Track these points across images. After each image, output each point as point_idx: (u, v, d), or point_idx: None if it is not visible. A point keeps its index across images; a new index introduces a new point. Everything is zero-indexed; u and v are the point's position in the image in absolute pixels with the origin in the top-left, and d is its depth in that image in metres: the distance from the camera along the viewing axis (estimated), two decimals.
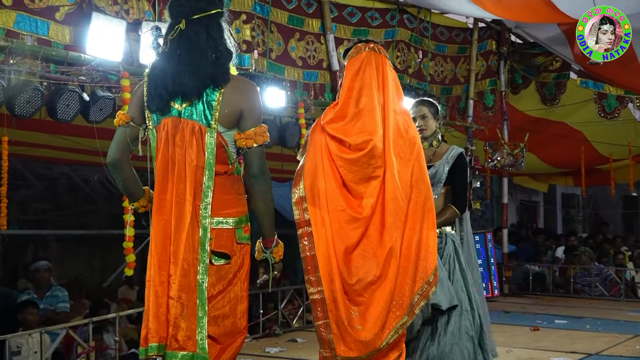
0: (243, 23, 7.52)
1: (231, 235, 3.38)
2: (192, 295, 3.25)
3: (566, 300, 10.73)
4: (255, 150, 3.37)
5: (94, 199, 12.00)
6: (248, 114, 3.37)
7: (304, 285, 3.93)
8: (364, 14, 8.96)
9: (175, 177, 3.31)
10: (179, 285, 3.24)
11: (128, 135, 3.47)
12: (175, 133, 3.33)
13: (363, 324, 3.77)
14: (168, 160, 3.34)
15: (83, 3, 5.99)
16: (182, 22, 3.34)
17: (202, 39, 3.33)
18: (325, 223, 3.82)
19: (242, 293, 3.43)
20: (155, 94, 3.36)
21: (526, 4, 8.33)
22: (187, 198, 3.27)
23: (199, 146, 3.30)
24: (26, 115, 5.61)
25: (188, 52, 3.33)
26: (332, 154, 3.86)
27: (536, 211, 18.59)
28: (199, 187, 3.29)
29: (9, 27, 5.56)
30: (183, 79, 3.30)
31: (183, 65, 3.32)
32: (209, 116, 3.31)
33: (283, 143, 7.57)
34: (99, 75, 5.94)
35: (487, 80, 11.29)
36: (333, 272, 3.78)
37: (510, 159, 11.04)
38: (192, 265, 3.26)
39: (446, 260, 5.02)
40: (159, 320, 3.26)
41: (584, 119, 12.00)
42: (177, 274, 3.24)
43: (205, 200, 3.29)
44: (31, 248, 11.63)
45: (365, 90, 3.95)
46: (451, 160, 5.07)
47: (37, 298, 7.66)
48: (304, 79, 8.25)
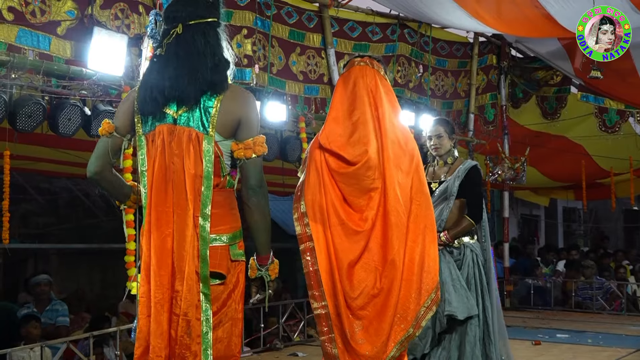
0: (244, 38, 7.55)
1: (225, 252, 3.23)
2: (197, 311, 3.11)
3: (567, 315, 10.72)
4: (254, 161, 3.23)
5: (95, 213, 12.01)
6: (246, 124, 3.24)
7: (305, 299, 3.96)
8: (364, 28, 8.99)
9: (175, 187, 3.17)
10: (185, 302, 3.10)
11: (110, 146, 3.34)
12: (171, 140, 3.20)
13: (367, 337, 3.78)
14: (166, 169, 3.19)
15: (84, 18, 6.02)
16: (179, 26, 3.25)
17: (200, 43, 3.23)
18: (327, 238, 3.82)
19: (237, 315, 3.29)
20: (151, 98, 3.22)
21: (527, 18, 8.36)
22: (188, 209, 3.13)
23: (197, 154, 3.16)
24: (28, 130, 5.62)
25: (186, 56, 3.22)
26: (331, 169, 3.88)
27: (537, 225, 18.58)
28: (198, 197, 3.15)
29: (10, 42, 5.58)
30: (180, 84, 3.18)
31: (180, 69, 3.20)
32: (207, 123, 3.18)
33: (284, 157, 7.58)
34: (100, 89, 5.95)
35: (487, 94, 11.31)
36: (336, 287, 3.79)
37: (511, 173, 11.05)
38: (195, 281, 3.12)
39: (465, 270, 5.12)
40: (163, 337, 3.11)
41: (584, 133, 12.02)
42: (183, 290, 3.10)
43: (204, 211, 3.14)
44: (32, 262, 11.63)
45: (357, 102, 3.97)
46: (462, 174, 5.24)
47: (36, 312, 7.65)
48: (305, 93, 8.26)
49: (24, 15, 5.66)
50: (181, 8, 3.30)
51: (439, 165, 5.45)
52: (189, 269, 3.11)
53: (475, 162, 5.42)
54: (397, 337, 3.80)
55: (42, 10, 5.79)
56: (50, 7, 5.85)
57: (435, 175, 5.45)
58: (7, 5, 5.54)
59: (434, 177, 5.43)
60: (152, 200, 3.21)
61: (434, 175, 5.45)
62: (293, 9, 8.15)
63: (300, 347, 7.82)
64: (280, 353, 7.62)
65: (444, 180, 5.29)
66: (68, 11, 5.99)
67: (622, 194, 13.70)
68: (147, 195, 3.23)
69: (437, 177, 5.41)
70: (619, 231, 19.49)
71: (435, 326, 4.98)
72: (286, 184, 9.75)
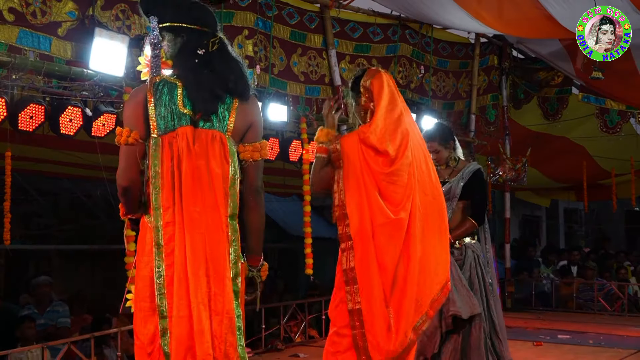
0: (245, 38, 7.55)
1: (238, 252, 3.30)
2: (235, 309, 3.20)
3: (569, 316, 10.71)
4: (260, 163, 3.33)
5: (96, 214, 12.01)
6: (256, 127, 3.35)
7: (306, 300, 4.02)
8: (366, 29, 9.00)
9: (203, 188, 3.18)
10: (226, 301, 3.16)
11: (140, 153, 3.25)
12: (194, 142, 3.20)
13: (396, 330, 3.93)
14: (193, 170, 3.18)
15: (85, 19, 6.03)
16: (217, 37, 3.33)
17: (233, 52, 3.37)
18: (368, 237, 3.95)
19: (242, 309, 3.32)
20: (212, 95, 3.24)
21: (528, 19, 8.36)
22: (220, 210, 3.19)
23: (222, 155, 3.22)
24: (29, 131, 5.63)
25: (225, 62, 3.32)
26: (373, 169, 3.99)
27: (539, 226, 18.58)
28: (226, 197, 3.21)
29: (11, 43, 5.60)
30: (227, 85, 3.28)
31: (228, 70, 3.31)
32: (225, 125, 3.26)
33: (285, 158, 7.58)
34: (101, 90, 5.95)
35: (489, 95, 11.31)
36: (374, 284, 3.93)
37: (513, 173, 11.04)
38: (229, 279, 3.19)
39: (467, 270, 5.24)
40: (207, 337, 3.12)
41: (585, 133, 12.01)
42: (223, 290, 3.16)
43: (234, 212, 3.24)
44: (33, 263, 11.63)
45: (394, 103, 4.13)
46: (467, 177, 5.39)
47: (37, 313, 7.65)
48: (306, 94, 8.27)
49: (25, 16, 5.67)
50: (212, 16, 3.39)
51: (442, 167, 5.53)
52: (224, 269, 3.17)
53: (479, 166, 5.52)
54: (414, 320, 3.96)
55: (43, 11, 5.80)
56: (51, 8, 5.86)
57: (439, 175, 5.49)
58: (7, 6, 5.55)
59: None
60: (183, 202, 3.18)
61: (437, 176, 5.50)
62: (294, 10, 8.15)
63: (302, 348, 7.82)
64: (281, 354, 7.61)
65: (447, 181, 5.36)
66: (69, 12, 5.99)
67: (624, 194, 13.68)
68: (159, 197, 3.19)
69: (441, 177, 5.46)
70: (620, 232, 19.47)
71: (441, 326, 5.08)
72: (287, 185, 9.77)
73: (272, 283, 12.34)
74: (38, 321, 7.44)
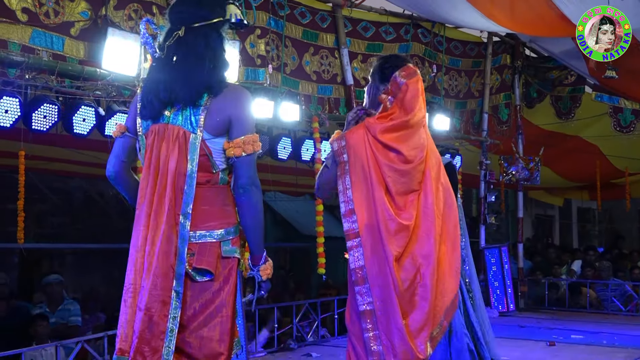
0: (257, 38, 7.56)
1: (215, 249, 3.21)
2: (163, 307, 3.11)
3: (582, 315, 10.67)
4: (244, 159, 3.20)
5: (109, 212, 12.05)
6: (237, 122, 3.22)
7: (319, 299, 3.94)
8: (378, 28, 8.99)
9: (157, 184, 3.17)
10: (149, 297, 3.10)
11: (123, 146, 3.38)
12: (162, 139, 3.21)
13: (410, 332, 3.78)
14: (151, 166, 3.20)
15: (98, 19, 6.05)
16: (181, 29, 3.23)
17: (201, 46, 3.21)
18: (375, 233, 3.80)
19: (227, 312, 3.22)
20: (148, 102, 3.25)
21: (540, 18, 8.33)
22: (167, 206, 3.13)
23: (182, 152, 3.17)
24: (42, 130, 5.66)
25: (184, 59, 3.22)
26: (382, 163, 3.85)
27: (552, 225, 18.52)
28: (180, 194, 3.15)
29: (24, 43, 5.62)
30: (175, 87, 3.19)
31: (177, 72, 3.20)
32: (194, 121, 3.18)
33: (297, 157, 7.59)
34: (114, 89, 5.98)
35: (501, 94, 11.28)
36: (386, 281, 3.78)
37: (525, 173, 11.00)
38: (165, 277, 3.11)
39: None
40: (130, 329, 3.14)
41: (599, 132, 11.97)
42: (147, 286, 3.10)
43: (186, 210, 3.14)
44: (47, 262, 11.68)
45: (422, 106, 4.02)
46: None
47: (49, 312, 7.68)
48: (318, 93, 8.27)
49: (38, 16, 5.70)
50: (184, 9, 3.29)
51: None
52: (161, 265, 3.11)
53: (450, 159, 5.34)
54: (431, 328, 3.84)
55: (56, 11, 5.82)
56: (64, 8, 5.89)
57: None
58: (21, 7, 5.58)
59: None
60: (138, 197, 3.24)
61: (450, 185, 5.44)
62: (306, 9, 8.16)
63: (314, 348, 7.82)
64: (293, 353, 7.62)
65: None
66: (82, 12, 6.02)
67: (637, 194, 13.65)
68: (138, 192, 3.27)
69: None
70: (634, 231, 19.38)
71: None
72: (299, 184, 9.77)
73: (284, 282, 12.37)
74: (50, 319, 7.48)
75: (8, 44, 5.52)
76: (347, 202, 3.84)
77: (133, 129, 3.36)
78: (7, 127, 5.47)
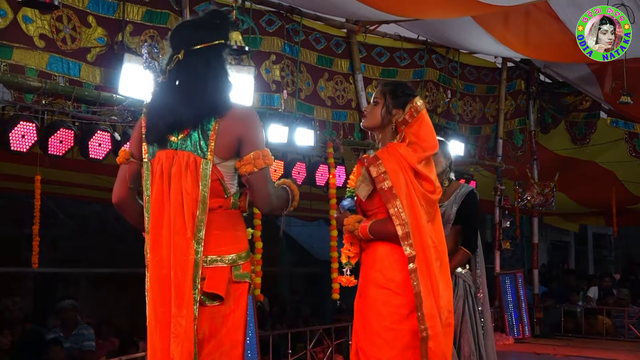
0: (272, 63, 7.59)
1: (226, 274, 3.21)
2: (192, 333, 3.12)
3: (599, 343, 10.56)
4: (257, 175, 3.20)
5: (124, 237, 12.07)
6: (245, 141, 3.21)
7: (333, 325, 3.90)
8: (392, 54, 9.02)
9: (172, 210, 3.17)
10: (186, 324, 3.11)
11: (129, 172, 3.39)
12: (171, 165, 3.20)
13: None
14: (163, 193, 3.20)
15: (114, 45, 6.10)
16: (181, 52, 3.26)
17: (202, 67, 3.24)
18: (423, 258, 3.77)
19: (237, 337, 3.23)
20: (152, 125, 3.26)
21: (555, 43, 8.34)
22: (185, 232, 3.14)
23: (194, 178, 3.16)
24: (59, 155, 5.69)
25: (185, 81, 3.24)
26: (418, 192, 3.84)
27: (567, 251, 18.42)
28: (192, 220, 3.14)
29: (41, 69, 5.67)
30: (179, 110, 3.19)
31: (180, 95, 3.22)
32: (205, 147, 3.17)
33: (312, 182, 7.59)
34: (129, 115, 6.01)
35: (516, 119, 11.27)
36: (434, 308, 3.75)
37: (541, 198, 10.95)
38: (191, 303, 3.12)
39: (460, 302, 5.07)
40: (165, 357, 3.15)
41: (614, 158, 11.93)
42: (181, 313, 3.11)
43: (199, 235, 3.14)
44: (62, 286, 11.70)
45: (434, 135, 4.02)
46: (459, 200, 5.15)
47: (62, 337, 7.68)
48: (333, 119, 8.28)
49: (55, 42, 5.75)
50: (185, 33, 3.33)
51: None
52: (184, 293, 3.12)
53: (472, 187, 5.31)
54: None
55: (73, 37, 5.88)
56: (81, 34, 5.94)
57: None
58: (38, 33, 5.63)
59: None
60: (151, 224, 3.23)
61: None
62: (321, 35, 8.20)
63: None
64: None
65: (441, 205, 5.14)
66: (98, 38, 6.07)
67: None
68: (149, 220, 3.26)
69: None
70: None
71: None
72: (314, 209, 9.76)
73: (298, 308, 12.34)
74: (64, 344, 7.48)
75: (25, 70, 5.57)
76: (402, 225, 3.76)
77: (138, 155, 3.37)
78: (23, 152, 5.50)
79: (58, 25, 5.77)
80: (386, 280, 3.82)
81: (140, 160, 3.35)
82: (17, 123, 5.40)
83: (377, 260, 3.89)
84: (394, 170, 3.80)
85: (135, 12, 6.32)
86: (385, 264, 3.85)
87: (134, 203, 3.44)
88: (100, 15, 6.08)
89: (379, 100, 4.01)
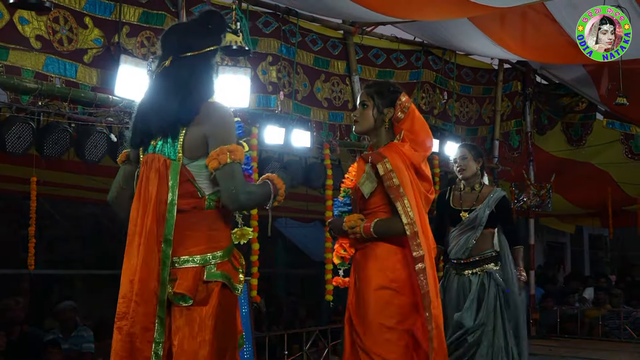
0: (269, 65, 7.59)
1: (196, 274, 3.18)
2: (145, 333, 3.16)
3: (595, 344, 10.57)
4: (221, 171, 3.15)
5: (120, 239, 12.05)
6: (211, 137, 3.20)
7: (329, 326, 3.90)
8: (389, 55, 9.02)
9: (143, 211, 3.21)
10: (131, 324, 3.17)
11: (123, 174, 3.46)
12: (150, 168, 3.25)
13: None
14: (140, 195, 3.25)
15: (111, 46, 6.10)
16: (168, 59, 3.27)
17: (183, 78, 3.24)
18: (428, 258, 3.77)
19: (206, 336, 3.16)
20: (134, 131, 3.35)
21: (551, 45, 8.35)
22: (149, 234, 3.17)
23: (162, 179, 3.19)
24: (54, 156, 5.68)
25: (164, 90, 3.27)
26: (420, 192, 3.87)
27: (563, 252, 18.42)
28: (162, 221, 3.17)
29: (38, 70, 5.66)
30: (152, 119, 3.27)
31: (158, 104, 3.26)
32: (175, 148, 3.21)
33: (308, 184, 7.59)
34: (126, 116, 6.00)
35: (512, 121, 11.27)
36: (439, 308, 3.77)
37: (537, 199, 10.97)
38: (147, 303, 3.16)
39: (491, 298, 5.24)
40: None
41: (610, 159, 11.94)
42: (130, 313, 3.17)
43: (167, 237, 3.16)
44: (58, 288, 11.68)
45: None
46: (493, 204, 5.44)
47: (62, 338, 7.67)
48: (329, 120, 8.29)
49: (52, 44, 5.74)
50: (175, 38, 3.33)
51: (466, 191, 5.51)
52: (141, 292, 3.16)
53: (504, 192, 5.57)
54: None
55: (69, 39, 5.87)
56: (77, 35, 5.93)
57: (463, 201, 5.51)
58: (35, 34, 5.62)
59: (462, 204, 5.50)
60: (129, 229, 3.28)
61: (462, 202, 5.51)
62: (318, 37, 8.20)
63: None
64: None
65: (474, 209, 5.38)
66: (95, 39, 6.06)
67: None
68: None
69: (466, 204, 5.48)
70: None
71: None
72: (310, 210, 9.76)
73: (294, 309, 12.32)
74: (62, 346, 7.46)
75: (22, 71, 5.56)
76: (411, 225, 3.75)
77: (135, 157, 3.43)
78: (19, 153, 5.49)
79: (54, 27, 5.77)
80: (389, 281, 3.81)
81: (137, 163, 3.40)
82: (13, 125, 5.39)
83: (377, 259, 3.88)
84: (400, 169, 3.81)
85: (132, 14, 6.32)
86: (388, 264, 3.84)
87: (126, 204, 3.44)
88: (96, 17, 6.08)
89: (368, 102, 4.01)
